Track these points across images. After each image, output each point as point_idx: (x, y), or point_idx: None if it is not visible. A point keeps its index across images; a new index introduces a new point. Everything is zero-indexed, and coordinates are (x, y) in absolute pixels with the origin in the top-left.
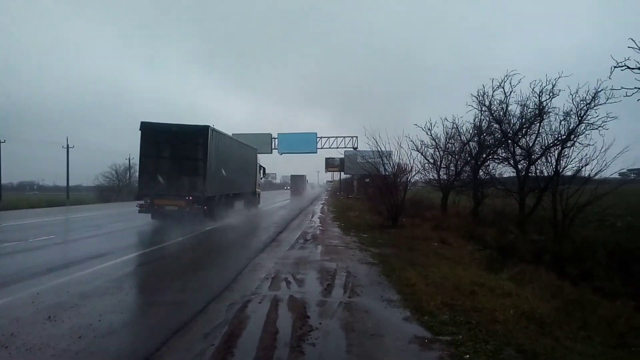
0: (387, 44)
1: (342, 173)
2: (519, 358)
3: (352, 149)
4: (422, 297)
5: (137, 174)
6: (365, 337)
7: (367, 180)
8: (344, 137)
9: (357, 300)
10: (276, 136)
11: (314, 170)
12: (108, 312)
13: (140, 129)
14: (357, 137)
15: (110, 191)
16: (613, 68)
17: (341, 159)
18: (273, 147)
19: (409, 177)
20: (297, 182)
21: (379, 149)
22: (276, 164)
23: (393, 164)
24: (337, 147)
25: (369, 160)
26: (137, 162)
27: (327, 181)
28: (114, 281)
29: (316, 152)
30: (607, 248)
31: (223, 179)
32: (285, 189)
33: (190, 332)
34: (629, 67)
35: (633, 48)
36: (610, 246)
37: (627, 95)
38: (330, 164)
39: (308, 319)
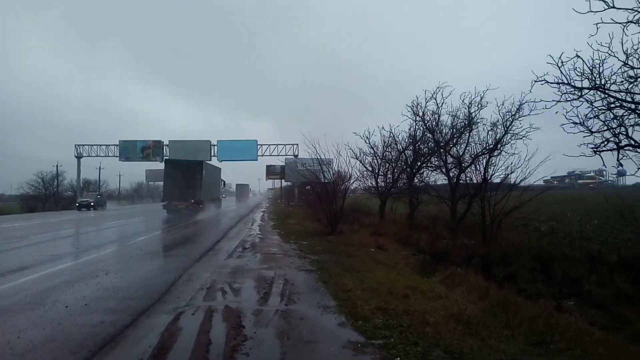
0: (328, 54)
1: (283, 181)
2: (447, 358)
3: (292, 157)
4: (358, 302)
5: (162, 189)
6: (300, 344)
7: (308, 187)
8: (285, 144)
9: (293, 308)
10: (215, 143)
11: (254, 177)
12: (28, 328)
13: (164, 162)
14: (297, 144)
15: (35, 200)
16: (533, 82)
17: (282, 167)
18: (212, 154)
19: (348, 185)
20: (241, 190)
21: (319, 157)
22: None
23: (333, 171)
24: (278, 155)
25: (309, 168)
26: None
27: (268, 189)
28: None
29: (257, 160)
30: (531, 251)
31: (207, 190)
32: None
33: (117, 348)
34: (547, 82)
35: (551, 64)
36: (534, 250)
37: (546, 108)
38: (271, 172)
39: (243, 329)
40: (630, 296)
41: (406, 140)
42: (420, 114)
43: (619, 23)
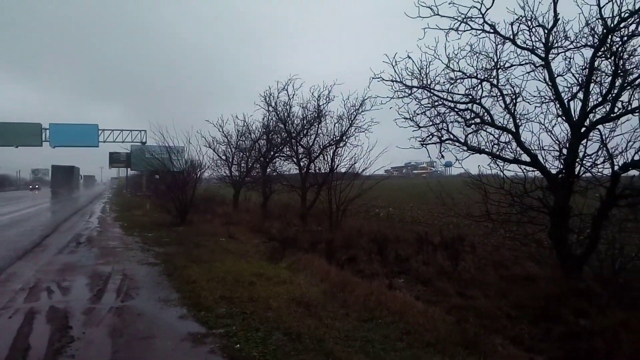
0: (181, 40)
1: (129, 169)
2: (285, 340)
3: (139, 144)
4: (202, 293)
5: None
6: (135, 341)
7: (157, 177)
8: (131, 130)
9: (130, 304)
10: (47, 127)
11: (96, 166)
12: None
13: (51, 168)
14: (145, 131)
15: None
16: (371, 79)
17: (127, 154)
18: (44, 139)
19: (199, 174)
20: (87, 181)
21: (167, 145)
22: (49, 159)
23: (185, 159)
24: (124, 142)
25: (156, 156)
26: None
27: (111, 178)
28: None
29: (98, 146)
30: (370, 235)
31: (71, 183)
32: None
33: None
34: (383, 79)
35: (386, 63)
36: (372, 234)
37: (382, 103)
38: (115, 160)
39: (70, 330)
40: (449, 272)
41: (260, 130)
42: (273, 104)
43: (443, 29)
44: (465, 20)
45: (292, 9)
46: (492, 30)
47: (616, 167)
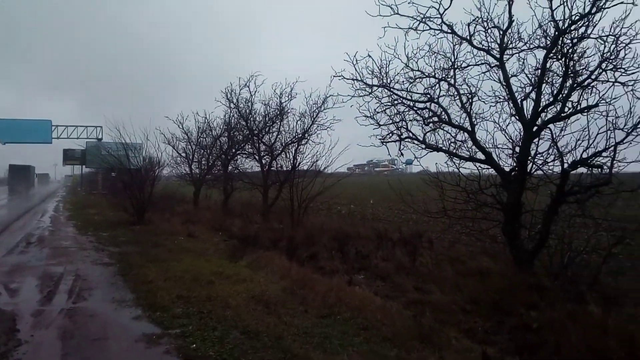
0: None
1: (84, 167)
2: (243, 339)
3: (95, 140)
4: (158, 293)
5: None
6: (86, 342)
7: (113, 174)
8: (86, 126)
9: (82, 305)
10: None
11: (50, 163)
12: None
13: (9, 167)
14: (101, 127)
15: None
16: (332, 77)
17: (82, 151)
18: None
19: (158, 171)
20: (42, 179)
21: (124, 141)
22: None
23: (144, 156)
24: (79, 138)
25: (112, 153)
26: None
27: (65, 176)
28: None
29: (51, 143)
30: (331, 232)
31: (28, 181)
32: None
33: None
34: (344, 77)
35: (347, 61)
36: (334, 231)
37: (343, 102)
38: (69, 157)
39: (17, 333)
40: (407, 268)
41: (221, 127)
42: (235, 101)
43: (402, 29)
44: (424, 20)
45: (255, 4)
46: (449, 31)
47: (566, 165)
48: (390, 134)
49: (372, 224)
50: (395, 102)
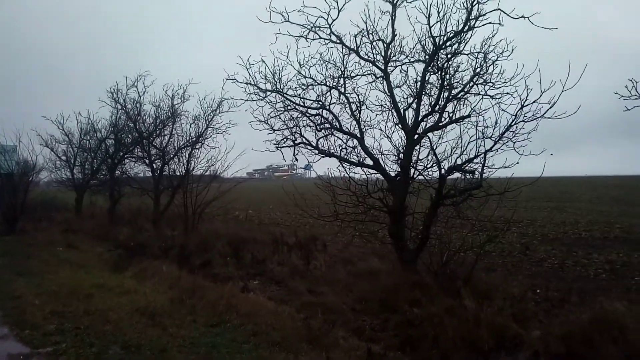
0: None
1: None
2: (123, 354)
3: None
4: (28, 309)
5: None
6: None
7: None
8: None
9: None
10: None
11: None
12: None
13: None
14: None
15: None
16: (225, 80)
17: None
18: None
19: (32, 176)
20: None
21: None
22: None
23: (17, 159)
24: None
25: None
26: None
27: None
28: None
29: None
30: (227, 238)
31: None
32: None
33: None
34: (237, 81)
35: (240, 64)
36: (229, 236)
37: (236, 105)
38: None
39: None
40: (302, 271)
41: (107, 129)
42: (122, 101)
43: (294, 36)
44: (314, 29)
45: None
46: (338, 41)
47: (443, 171)
48: (285, 139)
49: (270, 228)
50: (289, 107)
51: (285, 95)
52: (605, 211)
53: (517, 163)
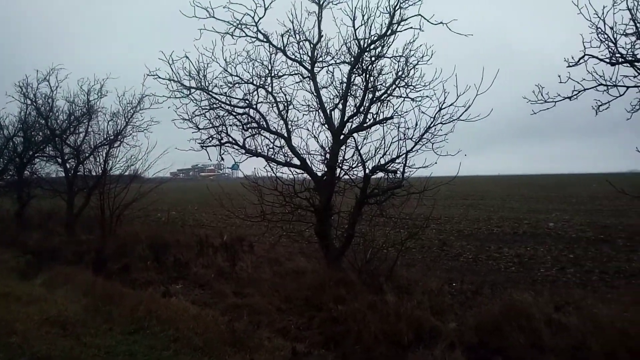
0: None
1: None
2: None
3: None
4: None
5: None
6: None
7: None
8: None
9: None
10: None
11: None
12: None
13: None
14: None
15: None
16: (146, 76)
17: None
18: None
19: None
20: None
21: None
22: None
23: None
24: None
25: None
26: None
27: None
28: None
29: None
30: (148, 241)
31: None
32: None
33: None
34: (159, 77)
35: (163, 60)
36: (150, 239)
37: (158, 102)
38: None
39: None
40: (227, 273)
41: (15, 126)
42: (32, 96)
43: (219, 32)
44: (240, 26)
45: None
46: (265, 40)
47: (367, 170)
48: (210, 138)
49: (194, 230)
50: (215, 106)
51: (210, 93)
52: (515, 208)
53: (436, 163)
